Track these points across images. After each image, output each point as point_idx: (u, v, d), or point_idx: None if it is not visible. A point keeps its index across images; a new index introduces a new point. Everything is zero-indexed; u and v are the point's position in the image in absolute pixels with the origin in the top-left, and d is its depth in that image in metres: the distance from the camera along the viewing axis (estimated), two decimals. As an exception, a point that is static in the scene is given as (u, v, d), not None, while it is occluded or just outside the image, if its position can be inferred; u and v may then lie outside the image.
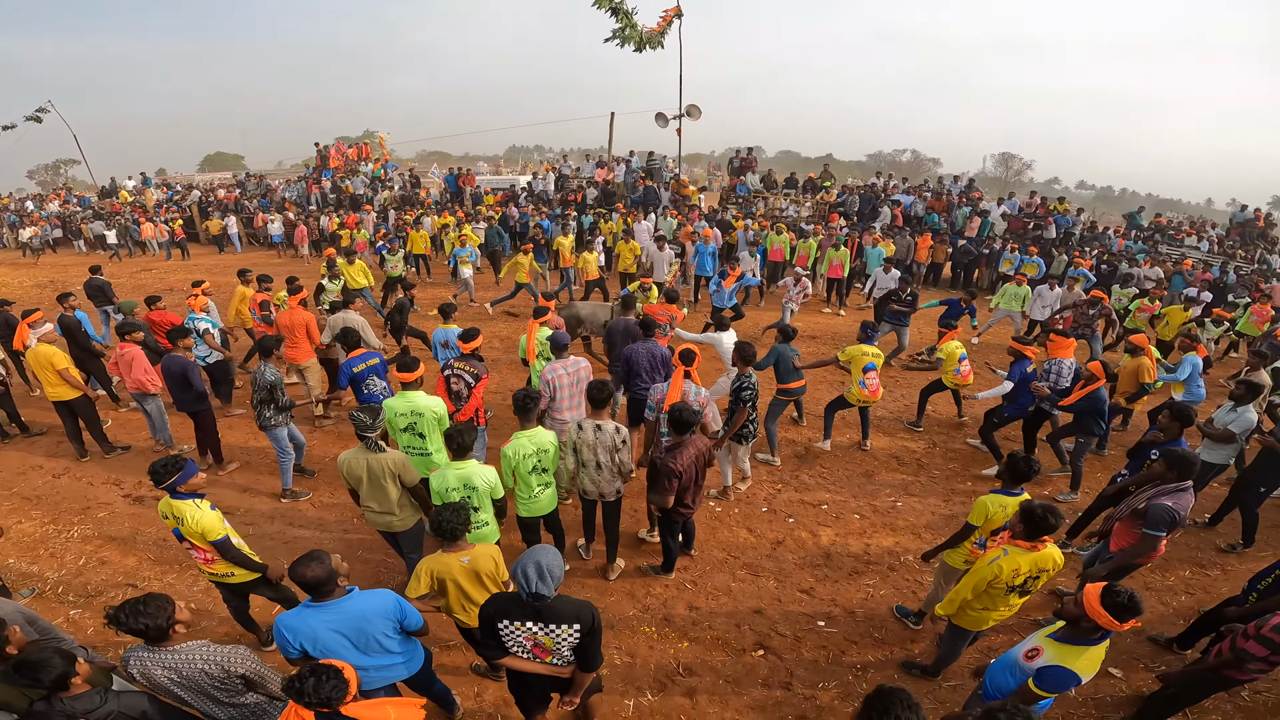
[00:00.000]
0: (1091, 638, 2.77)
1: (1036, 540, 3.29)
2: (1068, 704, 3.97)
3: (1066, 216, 16.78)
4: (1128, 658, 4.33)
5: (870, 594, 4.89)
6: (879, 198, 17.67)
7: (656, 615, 4.58)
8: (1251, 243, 17.24)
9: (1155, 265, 13.66)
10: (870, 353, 6.50)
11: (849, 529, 5.68)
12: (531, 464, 4.13)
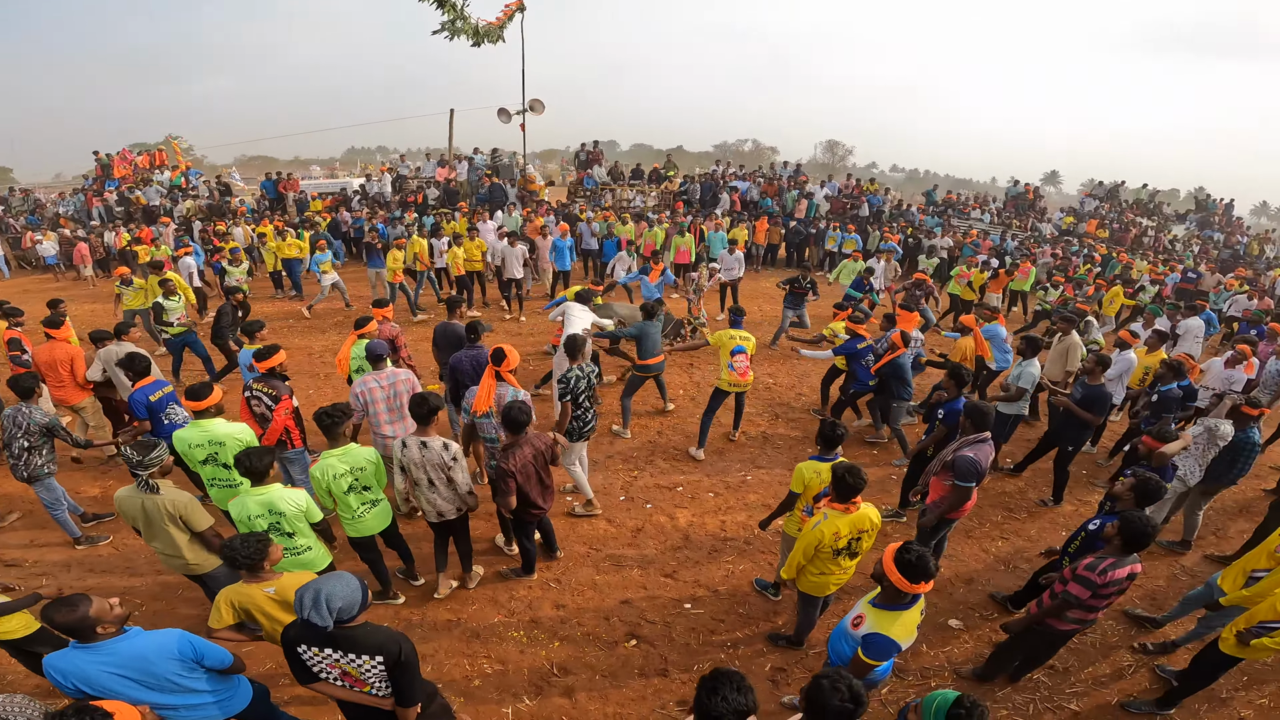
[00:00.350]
0: (901, 601, 2.80)
1: (849, 502, 3.47)
2: (922, 658, 4.28)
3: (877, 196, 18.69)
4: (964, 608, 4.74)
5: (731, 571, 4.99)
6: (719, 185, 18.55)
7: (523, 619, 4.47)
8: (1024, 213, 20.32)
9: (947, 236, 15.64)
10: (738, 336, 6.46)
11: (705, 508, 5.78)
12: (347, 483, 3.86)
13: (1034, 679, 4.11)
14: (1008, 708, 3.92)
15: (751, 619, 4.52)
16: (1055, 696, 4.01)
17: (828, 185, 19.58)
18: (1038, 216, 19.51)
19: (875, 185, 19.94)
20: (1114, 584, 3.33)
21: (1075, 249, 16.44)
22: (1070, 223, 19.56)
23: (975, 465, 4.08)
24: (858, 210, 18.15)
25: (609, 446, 6.78)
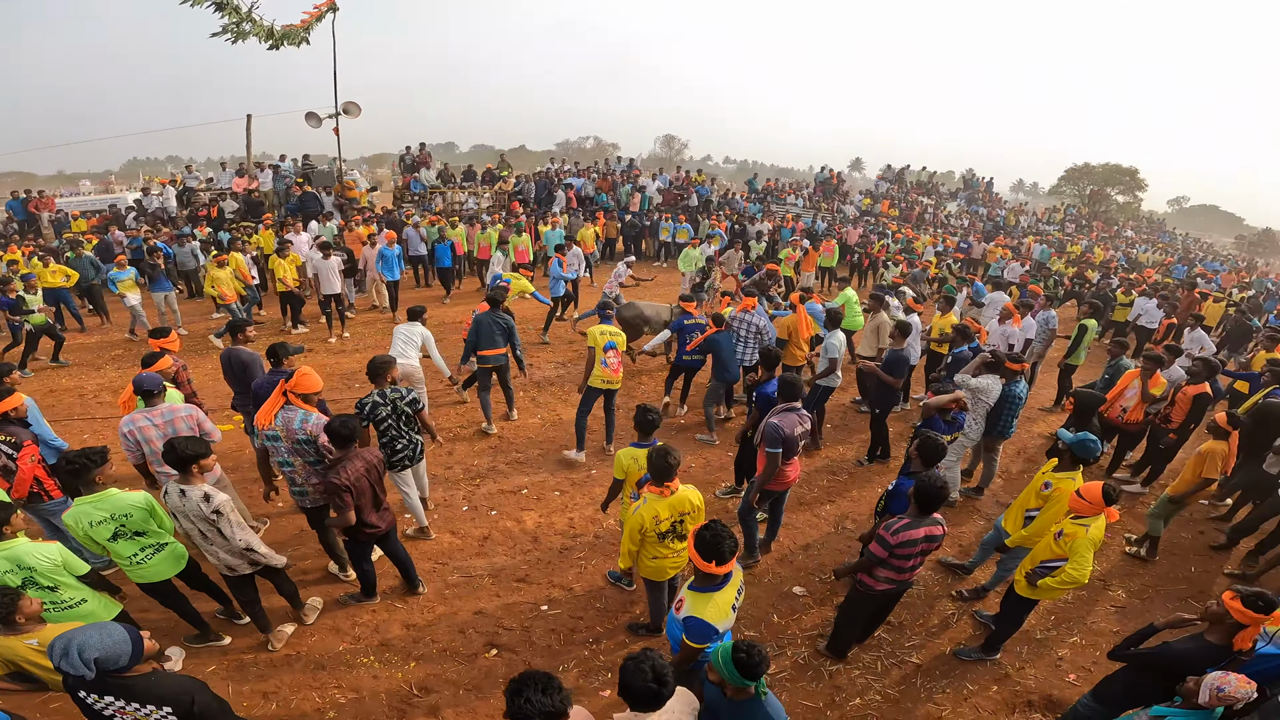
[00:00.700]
0: (712, 583, 2.80)
1: (664, 485, 3.51)
2: (775, 628, 4.46)
3: (704, 187, 19.78)
4: (804, 574, 4.99)
5: (584, 567, 4.96)
6: (554, 183, 18.54)
7: (371, 643, 4.22)
8: (830, 197, 22.56)
9: (767, 221, 16.96)
10: (609, 331, 6.32)
11: (551, 508, 5.72)
12: (110, 530, 3.45)
13: (877, 637, 4.40)
14: (859, 667, 4.18)
15: (610, 612, 4.53)
16: (898, 651, 4.33)
17: (659, 178, 20.36)
18: (841, 199, 21.76)
19: (703, 176, 21.06)
20: (908, 544, 3.49)
21: (873, 227, 18.56)
22: (868, 204, 22.07)
23: (778, 431, 4.28)
24: (688, 201, 19.06)
25: (448, 458, 6.55)
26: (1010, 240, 20.59)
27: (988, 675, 4.20)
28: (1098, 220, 30.84)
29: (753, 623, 4.50)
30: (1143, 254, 23.58)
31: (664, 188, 19.57)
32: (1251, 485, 5.94)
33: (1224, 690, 2.63)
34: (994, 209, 25.20)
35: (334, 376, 8.56)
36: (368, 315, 11.78)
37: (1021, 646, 4.44)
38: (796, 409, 4.48)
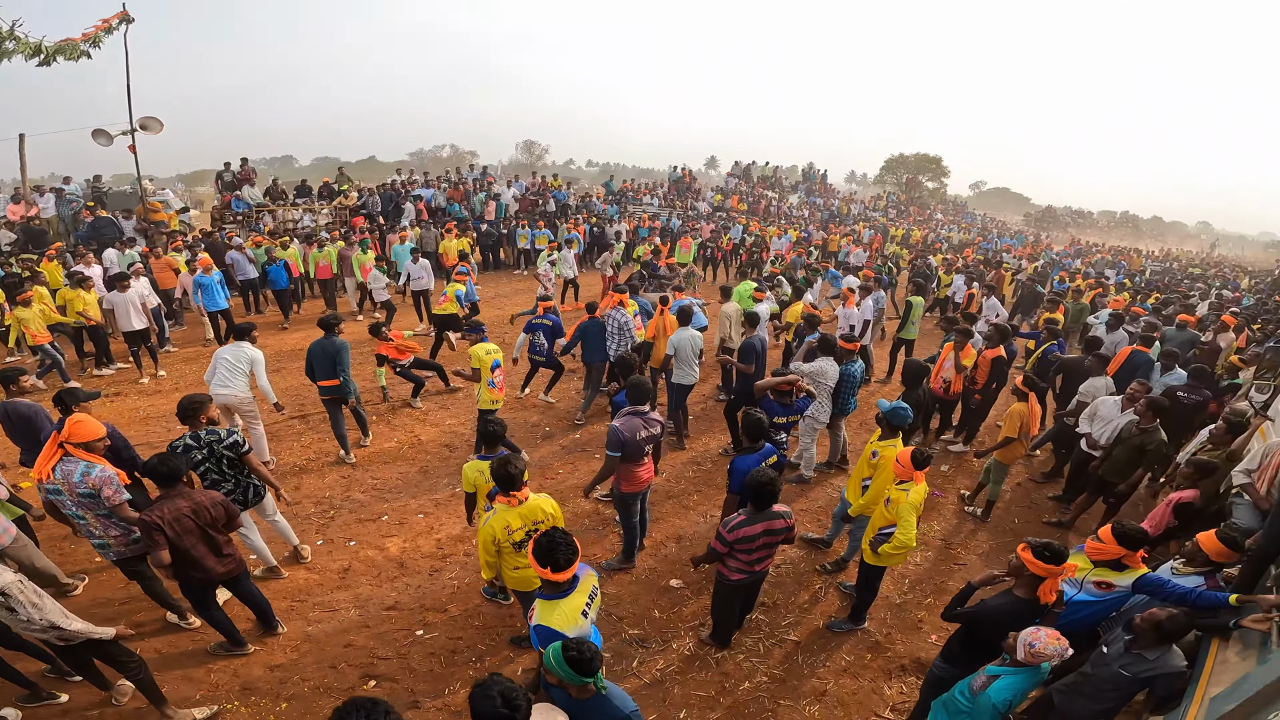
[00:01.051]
0: (557, 590, 2.80)
1: (510, 494, 3.50)
2: (658, 623, 4.55)
3: (561, 192, 19.78)
4: (679, 566, 5.15)
5: (457, 586, 4.85)
6: (400, 195, 17.63)
7: (232, 688, 3.95)
8: (684, 195, 23.47)
9: (624, 221, 17.31)
10: (492, 349, 6.21)
11: (416, 530, 5.56)
12: None
13: (755, 619, 4.58)
14: (743, 651, 4.34)
15: (490, 628, 4.46)
16: (776, 631, 4.54)
17: (514, 185, 20.05)
18: (694, 197, 22.74)
19: (559, 181, 21.05)
20: (746, 540, 3.65)
21: (723, 222, 19.60)
22: (719, 200, 23.26)
23: (618, 435, 4.37)
24: (545, 206, 18.97)
25: (295, 492, 6.08)
26: (844, 228, 22.67)
27: (861, 644, 4.49)
28: (914, 205, 34.83)
29: (635, 620, 4.58)
30: (950, 234, 26.96)
31: (520, 194, 19.32)
32: (1058, 436, 6.91)
33: (1035, 646, 2.72)
34: (829, 199, 27.57)
35: (150, 420, 7.70)
36: (190, 350, 10.54)
37: (886, 613, 4.79)
38: (642, 412, 4.57)
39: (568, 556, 2.74)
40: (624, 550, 5.11)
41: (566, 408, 8.25)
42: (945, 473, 7.14)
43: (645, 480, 4.74)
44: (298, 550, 5.10)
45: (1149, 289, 16.30)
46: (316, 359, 6.28)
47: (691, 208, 22.06)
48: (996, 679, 2.83)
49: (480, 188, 18.99)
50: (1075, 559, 3.59)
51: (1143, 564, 3.50)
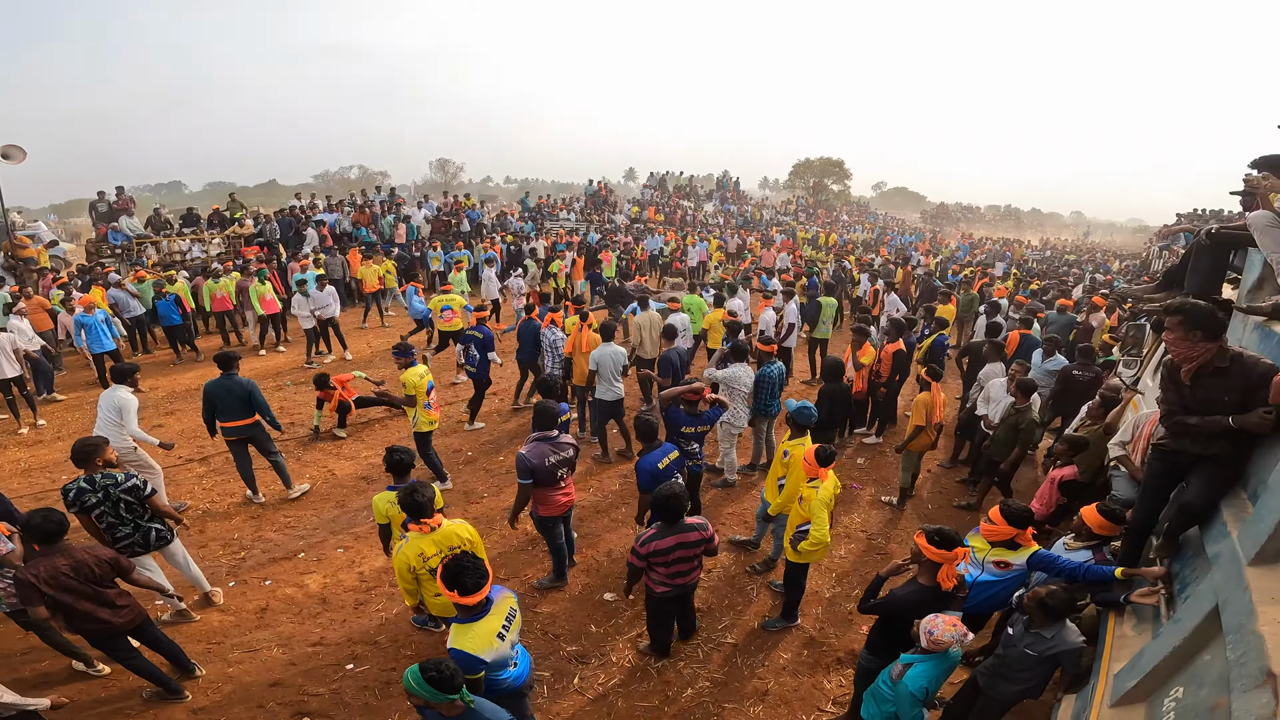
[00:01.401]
0: (469, 614, 2.81)
1: (421, 522, 3.49)
2: (595, 638, 4.52)
3: (475, 211, 19.41)
4: (612, 580, 5.16)
5: (384, 617, 4.73)
6: (301, 220, 16.74)
7: None
8: (601, 209, 23.58)
9: (542, 238, 17.18)
10: (423, 372, 6.04)
11: (337, 565, 5.37)
12: None
13: None
14: (682, 658, 4.38)
15: (423, 656, 4.31)
16: (714, 635, 4.60)
17: (425, 206, 19.50)
18: (611, 210, 22.88)
19: (472, 200, 20.65)
20: (659, 553, 3.70)
21: (640, 233, 19.82)
22: (636, 212, 23.51)
23: (525, 462, 4.36)
24: (459, 226, 18.54)
25: (200, 535, 5.78)
26: (756, 234, 23.47)
27: (797, 641, 4.60)
28: (821, 208, 36.52)
29: (572, 636, 4.56)
30: (855, 234, 28.45)
31: (432, 215, 18.79)
32: (966, 422, 7.26)
33: (933, 634, 2.81)
34: (742, 206, 28.46)
35: (33, 471, 7.12)
36: (74, 395, 9.63)
37: (818, 609, 4.93)
38: (550, 437, 4.56)
39: (475, 580, 2.74)
40: (554, 569, 5.08)
41: (490, 433, 8.09)
42: (862, 465, 7.44)
43: (564, 504, 4.73)
44: (209, 595, 4.88)
45: (1030, 276, 17.75)
46: (220, 399, 5.89)
47: (609, 221, 22.17)
48: (910, 667, 2.94)
49: (389, 210, 18.33)
50: (974, 540, 3.75)
51: (1034, 541, 3.67)
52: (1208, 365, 2.74)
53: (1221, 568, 2.61)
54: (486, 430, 8.13)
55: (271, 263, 13.16)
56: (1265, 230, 3.20)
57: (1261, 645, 2.03)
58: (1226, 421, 2.68)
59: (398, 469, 4.12)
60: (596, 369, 6.77)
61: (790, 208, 32.34)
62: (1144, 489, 3.31)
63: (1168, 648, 2.65)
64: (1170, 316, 2.82)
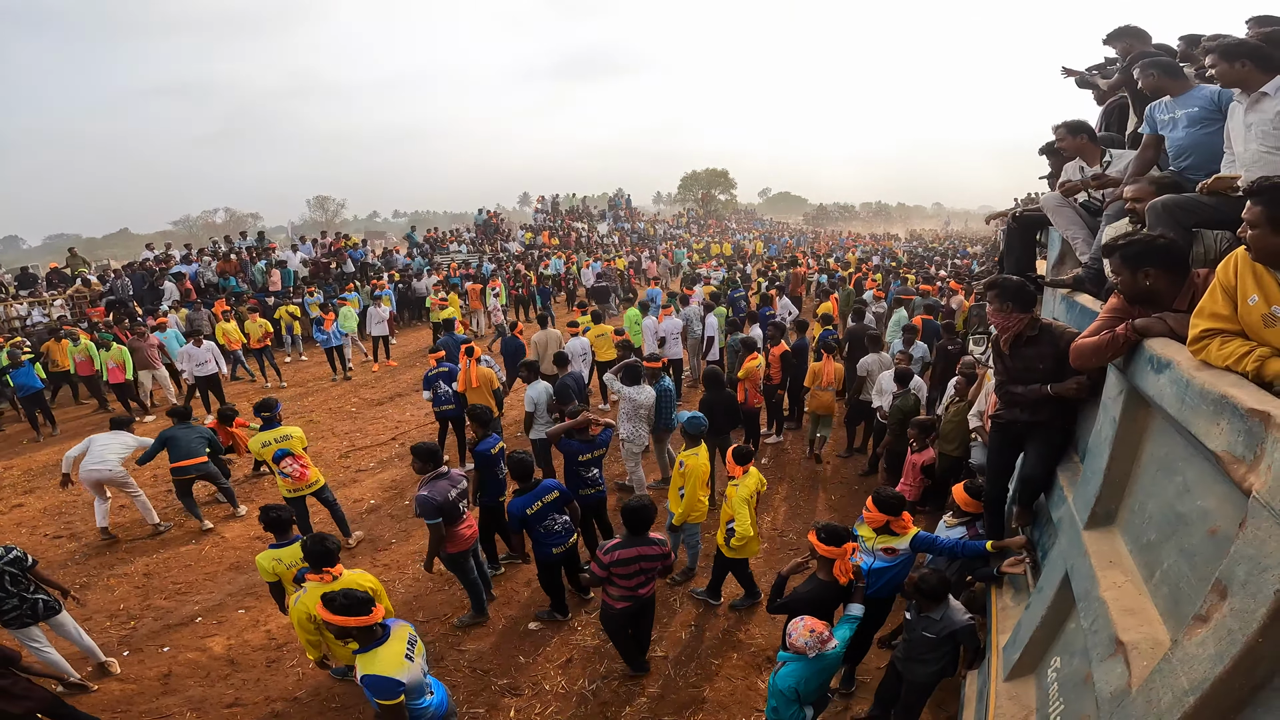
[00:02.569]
0: (369, 641, 2.88)
1: (323, 571, 3.52)
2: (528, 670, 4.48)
3: (358, 250, 18.55)
4: (534, 607, 5.12)
5: (302, 673, 4.57)
6: (155, 273, 15.27)
7: None
8: (492, 237, 23.24)
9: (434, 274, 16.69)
10: (271, 440, 5.51)
11: (240, 626, 5.16)
12: None
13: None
14: (615, 677, 4.38)
15: (348, 708, 4.26)
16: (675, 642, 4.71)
17: (301, 248, 18.38)
18: (504, 238, 22.61)
19: (354, 240, 19.73)
20: (621, 563, 3.77)
21: (534, 259, 19.71)
22: (530, 238, 23.36)
23: (429, 502, 4.27)
24: (343, 268, 17.64)
25: (81, 609, 5.25)
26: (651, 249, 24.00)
27: (725, 645, 4.68)
28: (711, 219, 37.95)
29: (502, 670, 4.52)
30: (744, 242, 29.76)
31: (310, 258, 17.76)
32: (856, 412, 7.67)
33: (791, 636, 2.90)
34: (635, 222, 29.01)
35: None
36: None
37: (741, 610, 5.01)
38: (445, 474, 4.53)
39: (364, 598, 2.87)
40: (473, 606, 4.98)
41: (391, 476, 7.76)
42: (766, 465, 7.71)
43: (469, 537, 4.67)
44: (104, 665, 4.66)
45: (898, 267, 19.26)
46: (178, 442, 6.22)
47: (502, 249, 21.88)
48: (783, 666, 3.02)
49: (259, 255, 17.15)
50: (862, 530, 3.91)
51: (912, 525, 3.84)
52: (1022, 335, 3.05)
53: (1065, 533, 2.75)
54: (388, 475, 7.79)
55: (123, 323, 11.85)
56: (1056, 210, 3.66)
57: (1107, 612, 2.06)
58: (1046, 389, 2.96)
59: (276, 527, 4.12)
60: (535, 410, 6.35)
61: (682, 220, 33.33)
62: (989, 460, 3.58)
63: (1037, 618, 2.76)
64: (989, 291, 3.14)
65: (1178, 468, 1.98)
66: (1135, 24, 4.09)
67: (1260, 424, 1.45)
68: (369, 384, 11.78)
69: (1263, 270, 1.75)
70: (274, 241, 19.25)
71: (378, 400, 10.79)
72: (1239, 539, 1.44)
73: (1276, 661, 1.33)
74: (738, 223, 39.06)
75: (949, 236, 42.38)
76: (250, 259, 16.57)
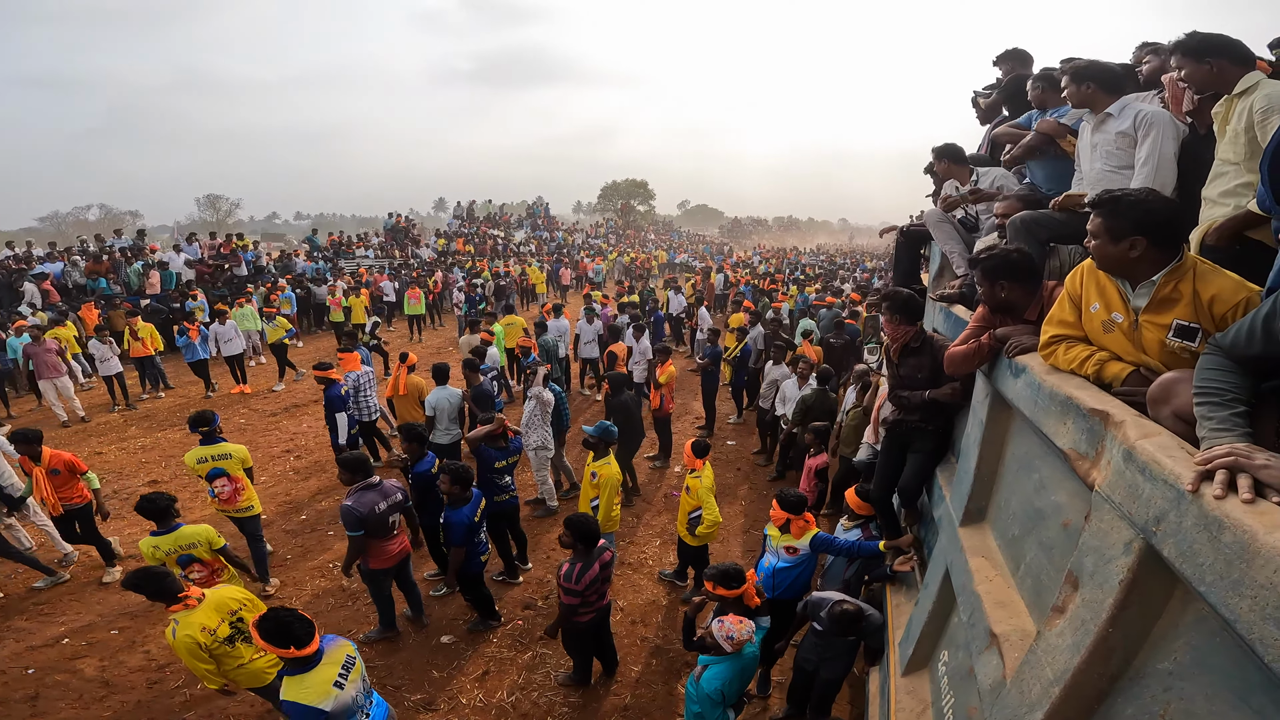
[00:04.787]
0: (304, 665, 2.71)
1: (181, 600, 3.26)
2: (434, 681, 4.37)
3: (250, 252, 17.27)
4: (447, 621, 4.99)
5: (189, 694, 4.29)
6: (13, 274, 13.57)
7: None
8: (403, 243, 22.30)
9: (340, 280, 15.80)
10: (207, 455, 5.01)
11: (114, 647, 4.84)
12: None
13: (540, 653, 4.63)
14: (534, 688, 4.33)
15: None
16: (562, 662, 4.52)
17: (186, 249, 16.88)
18: (414, 244, 21.76)
19: (246, 241, 18.36)
20: (592, 583, 3.76)
21: (446, 267, 19.08)
22: (443, 244, 22.61)
23: (353, 513, 4.11)
24: (234, 270, 16.34)
25: None
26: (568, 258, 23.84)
27: (644, 652, 4.71)
28: (630, 229, 38.27)
29: (414, 685, 4.40)
30: (660, 252, 30.22)
31: (195, 259, 16.33)
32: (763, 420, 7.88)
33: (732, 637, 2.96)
34: (554, 231, 28.76)
35: None
36: None
37: (658, 618, 5.05)
38: (374, 485, 4.32)
39: (305, 629, 2.68)
40: (381, 621, 4.75)
41: (286, 490, 7.32)
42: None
43: (396, 554, 4.45)
44: None
45: (807, 280, 20.16)
46: None
47: (413, 255, 21.04)
48: (707, 668, 3.06)
49: (136, 256, 15.60)
50: (770, 530, 4.04)
51: (814, 525, 3.96)
52: (909, 345, 3.24)
53: (944, 530, 2.89)
54: (282, 490, 7.32)
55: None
56: (936, 225, 3.91)
57: (982, 605, 2.14)
58: (926, 395, 3.15)
59: (156, 515, 4.00)
60: (434, 414, 6.34)
61: (601, 230, 33.38)
62: (880, 461, 3.77)
63: (925, 614, 2.88)
64: (882, 304, 3.30)
65: (1035, 465, 2.11)
66: (1020, 47, 4.38)
67: (1100, 422, 1.55)
68: (260, 394, 10.94)
69: (1105, 279, 1.88)
70: (155, 242, 17.58)
71: (271, 411, 10.04)
72: (1085, 531, 1.53)
73: (1130, 651, 1.40)
74: (656, 234, 39.64)
75: (853, 250, 44.87)
76: (125, 259, 15.05)
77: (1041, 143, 3.20)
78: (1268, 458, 1.14)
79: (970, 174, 3.78)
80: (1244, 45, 2.27)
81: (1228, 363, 1.44)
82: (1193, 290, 1.70)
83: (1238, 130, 2.16)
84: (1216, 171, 2.27)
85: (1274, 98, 2.07)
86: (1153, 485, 1.28)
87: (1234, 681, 1.12)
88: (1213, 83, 2.28)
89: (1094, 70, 2.70)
